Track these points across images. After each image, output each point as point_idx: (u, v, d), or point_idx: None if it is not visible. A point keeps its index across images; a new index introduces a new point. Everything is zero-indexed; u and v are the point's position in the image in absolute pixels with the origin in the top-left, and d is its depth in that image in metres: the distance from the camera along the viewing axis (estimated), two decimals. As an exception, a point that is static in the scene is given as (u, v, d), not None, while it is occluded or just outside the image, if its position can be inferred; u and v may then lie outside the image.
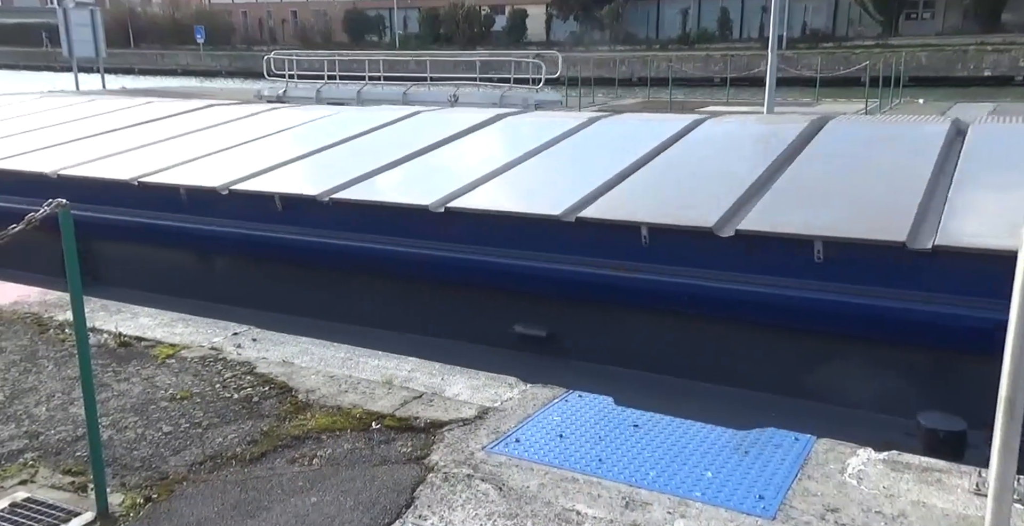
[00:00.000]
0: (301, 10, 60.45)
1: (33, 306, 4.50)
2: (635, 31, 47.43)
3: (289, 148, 6.54)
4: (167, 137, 7.30)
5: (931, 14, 43.58)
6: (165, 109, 8.61)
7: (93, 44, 22.21)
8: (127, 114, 8.52)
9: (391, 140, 6.51)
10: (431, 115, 7.34)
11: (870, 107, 16.42)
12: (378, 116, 7.33)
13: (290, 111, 8.22)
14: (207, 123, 7.72)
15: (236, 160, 6.33)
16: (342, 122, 7.29)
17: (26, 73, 46.06)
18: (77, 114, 8.70)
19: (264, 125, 7.45)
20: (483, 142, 6.31)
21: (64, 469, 2.80)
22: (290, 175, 5.85)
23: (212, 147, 6.77)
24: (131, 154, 6.81)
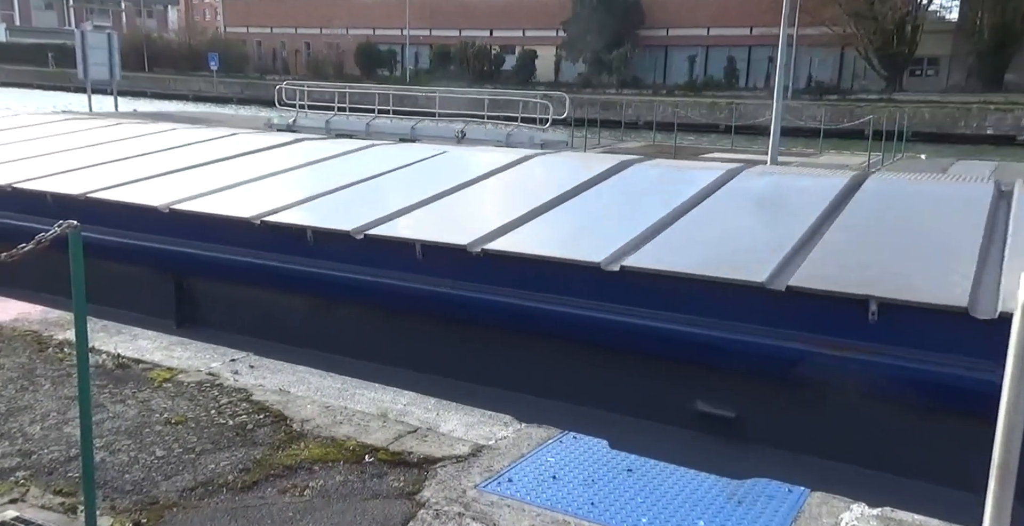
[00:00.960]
0: (314, 42, 61.45)
1: (34, 324, 4.51)
2: (642, 76, 48.16)
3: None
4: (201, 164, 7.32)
5: (935, 71, 44.33)
6: (195, 135, 8.58)
7: (108, 67, 22.51)
8: (157, 139, 8.48)
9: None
10: (477, 154, 7.31)
11: (872, 160, 16.60)
12: (410, 153, 7.29)
13: (323, 143, 8.18)
14: (240, 149, 7.71)
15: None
16: (384, 156, 7.25)
17: (38, 92, 46.64)
18: (104, 137, 8.68)
19: (297, 156, 7.43)
20: (607, 192, 5.99)
21: (55, 489, 2.79)
22: (429, 220, 5.56)
23: (248, 175, 6.80)
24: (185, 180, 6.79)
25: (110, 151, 7.98)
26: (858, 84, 43.48)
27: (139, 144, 8.28)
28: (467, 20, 54.93)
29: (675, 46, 49.87)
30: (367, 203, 5.88)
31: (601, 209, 5.54)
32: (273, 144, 8.02)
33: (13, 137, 8.94)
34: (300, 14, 63.80)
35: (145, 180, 6.74)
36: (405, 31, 54.35)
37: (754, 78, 46.76)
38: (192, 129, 9.32)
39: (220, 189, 6.36)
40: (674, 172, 6.43)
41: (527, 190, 6.09)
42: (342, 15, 60.79)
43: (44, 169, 7.24)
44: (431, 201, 5.82)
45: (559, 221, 5.34)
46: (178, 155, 7.68)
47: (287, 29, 63.70)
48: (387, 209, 5.61)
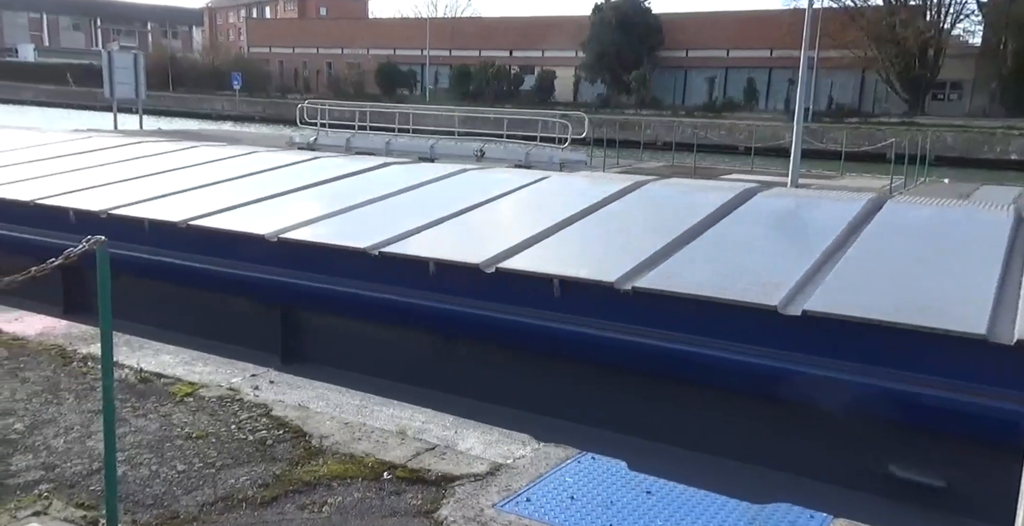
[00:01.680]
0: (336, 61, 62.23)
1: (58, 338, 4.57)
2: (661, 96, 48.32)
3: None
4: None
5: (958, 95, 44.12)
6: (275, 160, 8.15)
7: (134, 86, 22.92)
8: (234, 163, 8.08)
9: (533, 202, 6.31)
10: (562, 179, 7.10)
11: (895, 184, 16.51)
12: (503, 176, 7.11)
13: (414, 168, 7.76)
14: (325, 175, 7.31)
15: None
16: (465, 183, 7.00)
17: (62, 111, 47.46)
18: (179, 162, 8.28)
19: (393, 181, 7.02)
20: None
21: (77, 502, 2.82)
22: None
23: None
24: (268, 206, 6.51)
25: (188, 176, 7.57)
26: (879, 107, 43.36)
27: (215, 168, 7.83)
28: (487, 41, 55.46)
29: (694, 67, 50.03)
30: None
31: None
32: (358, 169, 7.47)
33: (61, 155, 8.84)
34: (322, 35, 64.72)
35: (245, 206, 6.34)
36: (425, 51, 54.94)
37: (774, 100, 46.79)
38: (268, 153, 8.83)
39: (324, 217, 5.95)
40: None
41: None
42: (364, 36, 61.60)
43: (140, 195, 6.84)
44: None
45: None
46: (257, 181, 7.27)
47: (309, 49, 64.58)
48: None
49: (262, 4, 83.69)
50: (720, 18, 48.78)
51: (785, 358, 4.01)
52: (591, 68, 50.07)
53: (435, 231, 5.59)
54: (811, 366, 3.94)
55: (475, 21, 63.68)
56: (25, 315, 5.02)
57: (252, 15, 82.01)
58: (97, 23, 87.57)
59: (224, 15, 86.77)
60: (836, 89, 44.83)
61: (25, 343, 4.47)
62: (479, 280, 4.84)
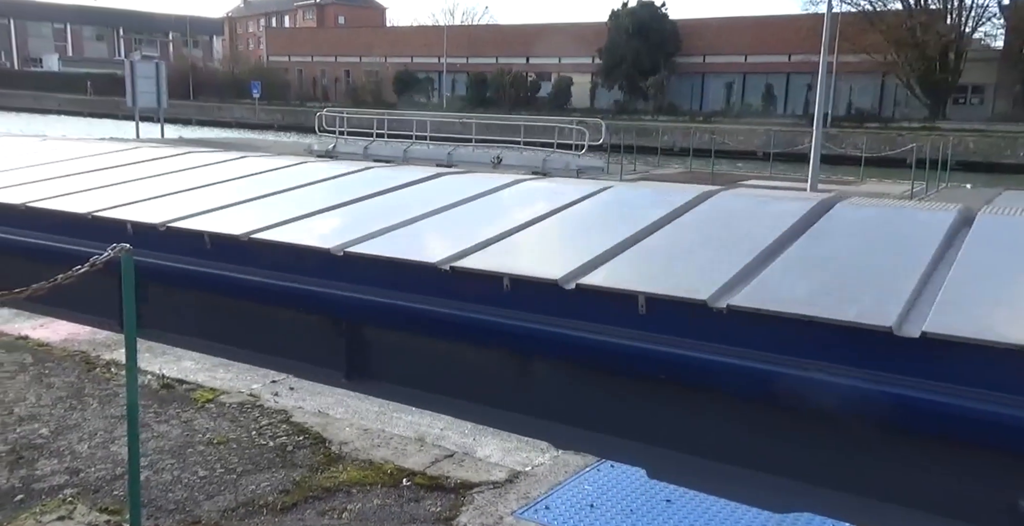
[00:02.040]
0: (354, 69, 62.69)
1: (83, 344, 4.62)
2: (678, 102, 48.22)
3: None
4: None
5: (980, 99, 43.69)
6: (331, 170, 7.95)
7: (156, 95, 23.20)
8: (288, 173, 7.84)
9: None
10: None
11: (915, 189, 16.37)
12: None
13: (466, 178, 7.49)
14: (380, 187, 7.05)
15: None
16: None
17: (83, 120, 48.08)
18: (226, 173, 8.04)
19: (447, 192, 6.76)
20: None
21: (101, 507, 2.85)
22: None
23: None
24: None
25: (240, 188, 7.36)
26: (899, 112, 43.00)
27: (266, 180, 7.63)
28: (503, 48, 55.65)
29: (712, 73, 49.91)
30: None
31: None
32: (413, 179, 7.24)
33: (113, 167, 8.60)
34: (340, 43, 65.25)
35: (304, 219, 6.17)
36: (442, 59, 55.22)
37: (792, 105, 46.55)
38: (318, 163, 8.71)
39: (387, 230, 5.77)
40: (764, 203, 6.05)
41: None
42: (381, 44, 62.03)
43: (199, 207, 6.70)
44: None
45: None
46: (311, 193, 7.07)
47: (327, 58, 65.12)
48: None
49: (281, 13, 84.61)
50: (738, 23, 48.66)
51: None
52: (608, 74, 50.08)
53: (505, 244, 5.35)
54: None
55: (492, 28, 63.97)
56: (51, 321, 5.09)
57: (271, 24, 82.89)
58: (120, 33, 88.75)
59: (244, 24, 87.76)
60: (855, 94, 44.53)
61: (50, 349, 4.53)
62: (558, 297, 4.65)
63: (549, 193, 6.63)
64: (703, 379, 4.27)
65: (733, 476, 3.98)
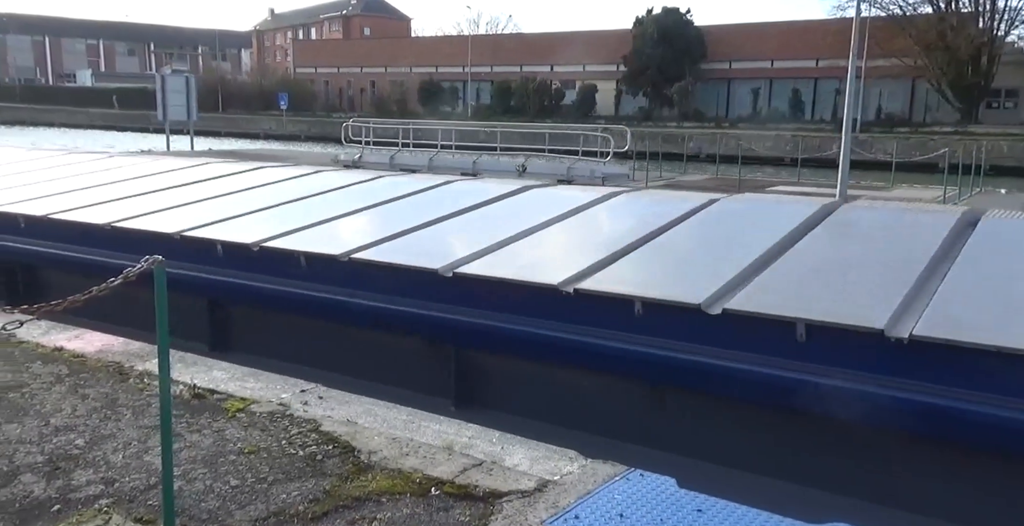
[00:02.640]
0: (379, 80, 63.21)
1: (116, 355, 4.70)
2: (704, 108, 48.00)
3: None
4: None
5: (1014, 103, 42.96)
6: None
7: (186, 108, 23.54)
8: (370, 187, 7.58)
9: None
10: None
11: (948, 195, 16.13)
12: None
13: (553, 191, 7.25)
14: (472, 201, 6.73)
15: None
16: None
17: (115, 134, 48.94)
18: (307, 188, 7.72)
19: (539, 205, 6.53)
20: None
21: (136, 517, 2.89)
22: None
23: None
24: None
25: (324, 205, 7.03)
26: (930, 116, 42.42)
27: (345, 196, 7.32)
28: (528, 56, 55.81)
29: (738, 79, 49.62)
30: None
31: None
32: (499, 194, 6.83)
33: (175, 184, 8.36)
34: (366, 54, 65.85)
35: (402, 236, 5.91)
36: (467, 68, 55.50)
37: (820, 110, 46.12)
38: (395, 177, 8.40)
39: (491, 249, 5.46)
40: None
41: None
42: (406, 54, 62.52)
43: (288, 226, 6.39)
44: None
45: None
46: (400, 209, 6.73)
47: (353, 68, 65.73)
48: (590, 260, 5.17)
49: (308, 26, 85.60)
50: (764, 29, 48.36)
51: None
52: (632, 81, 50.01)
53: (632, 263, 5.08)
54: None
55: (516, 37, 64.21)
56: (85, 332, 5.17)
57: (298, 36, 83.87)
58: (151, 48, 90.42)
59: (271, 37, 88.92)
60: (885, 98, 44.03)
61: (85, 360, 4.61)
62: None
63: (655, 206, 6.20)
64: (732, 389, 4.24)
65: (765, 486, 3.94)
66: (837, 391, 3.82)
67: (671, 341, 4.34)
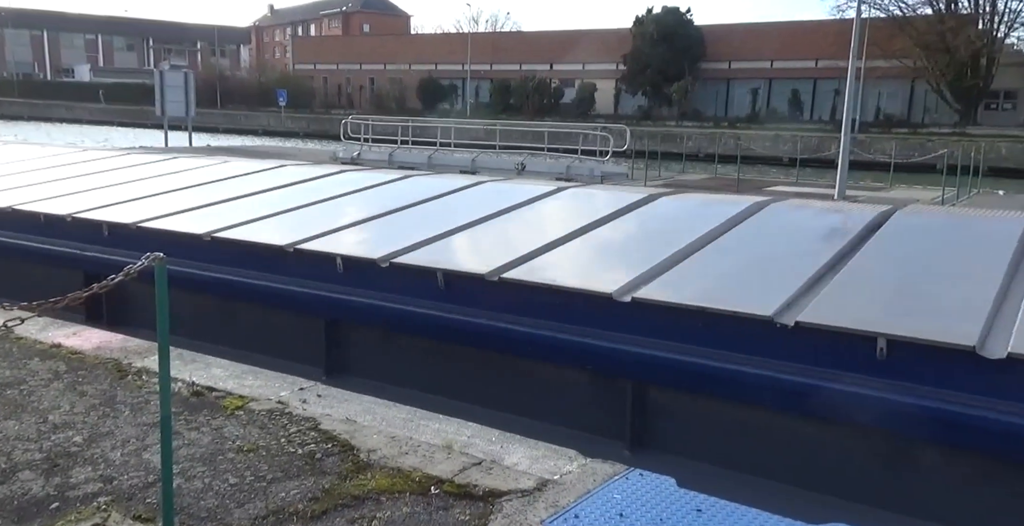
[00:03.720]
0: (378, 77, 63.16)
1: (115, 352, 4.68)
2: (703, 108, 48.01)
3: None
4: None
5: (1013, 105, 43.03)
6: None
7: (184, 104, 23.52)
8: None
9: None
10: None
11: (947, 196, 16.15)
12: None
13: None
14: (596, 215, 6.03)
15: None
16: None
17: (111, 129, 48.86)
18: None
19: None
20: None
21: (135, 515, 2.88)
22: None
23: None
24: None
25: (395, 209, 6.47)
26: (929, 117, 42.48)
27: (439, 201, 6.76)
28: (527, 54, 55.79)
29: (737, 79, 49.66)
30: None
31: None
32: (627, 204, 6.14)
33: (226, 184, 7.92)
34: (365, 51, 65.81)
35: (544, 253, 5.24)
36: (466, 66, 55.46)
37: (819, 111, 46.16)
38: (503, 184, 7.63)
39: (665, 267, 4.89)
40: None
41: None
42: (406, 51, 62.48)
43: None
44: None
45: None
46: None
47: (352, 65, 65.67)
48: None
49: (307, 22, 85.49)
50: (764, 29, 48.40)
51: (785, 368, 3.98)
52: (632, 80, 50.01)
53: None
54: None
55: (515, 35, 64.19)
56: (83, 329, 5.16)
57: (298, 33, 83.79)
58: (149, 43, 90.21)
59: (271, 33, 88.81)
60: (884, 99, 44.08)
61: (83, 357, 4.60)
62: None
63: (801, 220, 5.72)
64: (736, 391, 4.23)
65: (764, 487, 3.94)
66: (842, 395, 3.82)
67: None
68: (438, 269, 5.03)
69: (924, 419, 3.68)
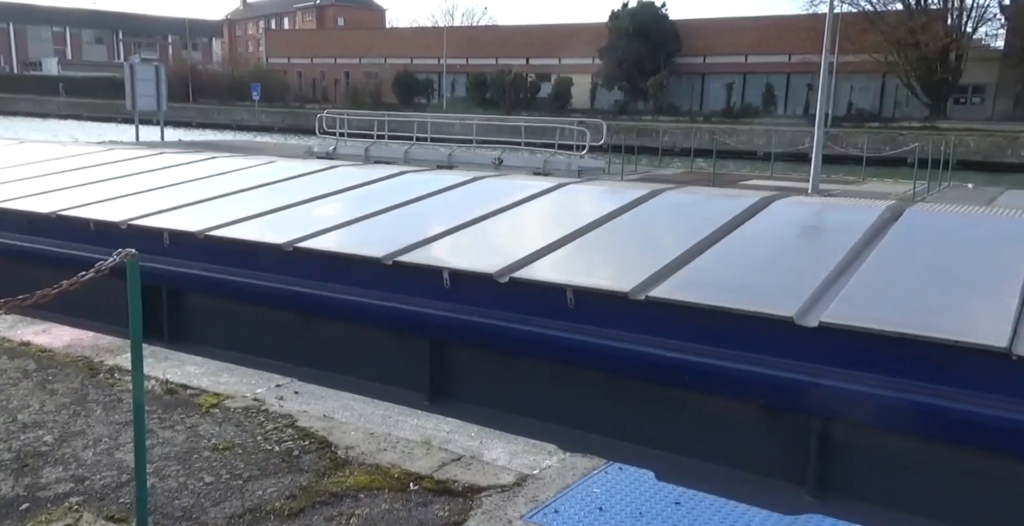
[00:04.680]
0: (353, 71, 62.71)
1: (86, 350, 4.60)
2: (679, 103, 48.22)
3: None
4: None
5: (980, 99, 43.71)
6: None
7: (155, 98, 23.19)
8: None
9: None
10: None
11: (918, 189, 16.35)
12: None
13: None
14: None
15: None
16: None
17: (89, 124, 48.09)
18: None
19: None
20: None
21: (107, 515, 2.83)
22: None
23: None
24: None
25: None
26: (900, 112, 43.02)
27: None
28: (503, 49, 55.68)
29: (712, 73, 49.91)
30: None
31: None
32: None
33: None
34: (340, 45, 65.28)
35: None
36: (442, 60, 55.22)
37: (793, 105, 46.55)
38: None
39: None
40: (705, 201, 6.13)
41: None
42: (381, 45, 62.06)
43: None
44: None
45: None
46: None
47: (327, 59, 65.13)
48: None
49: (280, 15, 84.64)
50: (738, 24, 48.66)
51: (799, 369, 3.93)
52: (608, 75, 50.09)
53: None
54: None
55: (491, 29, 63.98)
56: (53, 327, 5.07)
57: (271, 26, 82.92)
58: (119, 36, 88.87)
59: (243, 27, 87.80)
60: (856, 94, 44.55)
61: (53, 355, 4.51)
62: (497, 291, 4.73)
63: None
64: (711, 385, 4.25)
65: (742, 479, 3.96)
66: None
67: None
68: (445, 267, 5.07)
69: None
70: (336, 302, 5.38)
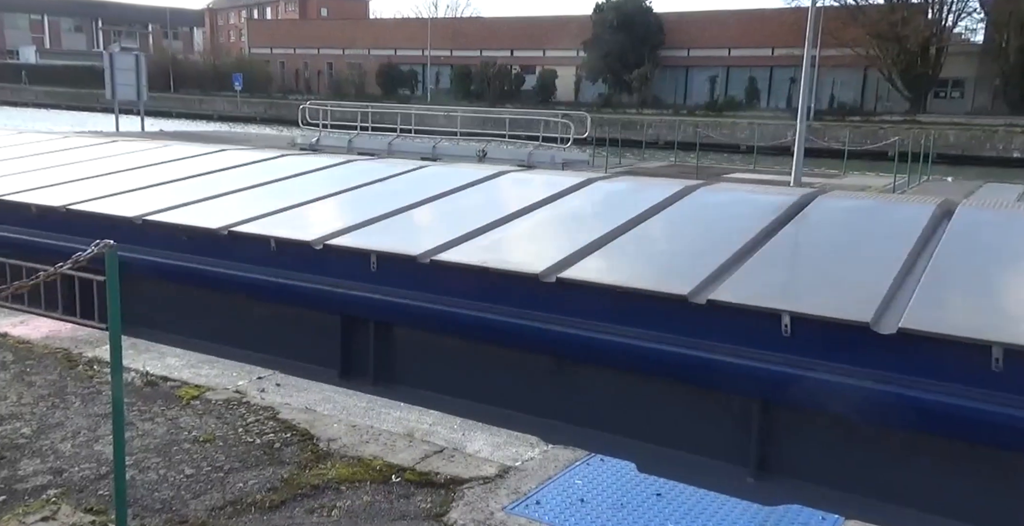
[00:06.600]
0: (337, 62, 62.26)
1: (64, 342, 4.56)
2: (663, 96, 48.29)
3: None
4: None
5: (960, 93, 44.09)
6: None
7: (135, 88, 22.90)
8: None
9: None
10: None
11: (898, 182, 16.50)
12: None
13: None
14: None
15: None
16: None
17: (66, 113, 47.49)
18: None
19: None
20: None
21: (86, 507, 2.81)
22: None
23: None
24: None
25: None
26: (881, 105, 43.33)
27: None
28: (488, 41, 55.46)
29: (696, 66, 50.00)
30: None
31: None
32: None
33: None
34: (323, 35, 64.75)
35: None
36: (426, 51, 54.95)
37: (775, 99, 46.75)
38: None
39: None
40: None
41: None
42: (364, 36, 61.63)
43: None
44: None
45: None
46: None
47: (310, 50, 64.61)
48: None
49: (263, 5, 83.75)
50: (721, 17, 48.75)
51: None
52: (592, 68, 50.04)
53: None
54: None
55: (476, 21, 63.68)
56: (31, 318, 5.01)
57: (253, 16, 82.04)
58: (98, 25, 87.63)
59: (225, 16, 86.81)
60: (838, 87, 44.79)
61: (31, 346, 4.46)
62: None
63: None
64: (695, 376, 4.28)
65: (722, 471, 3.99)
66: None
67: None
68: (372, 250, 5.27)
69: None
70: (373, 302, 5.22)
